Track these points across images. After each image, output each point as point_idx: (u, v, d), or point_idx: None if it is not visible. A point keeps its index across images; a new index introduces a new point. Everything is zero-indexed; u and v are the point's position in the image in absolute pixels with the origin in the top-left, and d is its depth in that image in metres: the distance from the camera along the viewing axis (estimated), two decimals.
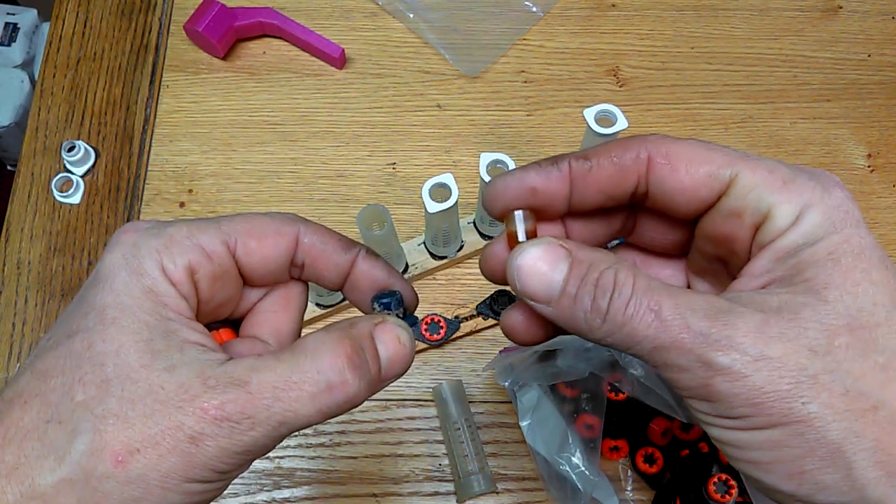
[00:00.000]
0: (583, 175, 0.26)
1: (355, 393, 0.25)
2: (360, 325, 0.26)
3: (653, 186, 0.25)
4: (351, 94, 0.63)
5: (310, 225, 0.28)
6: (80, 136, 0.62)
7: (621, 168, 0.25)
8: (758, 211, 0.24)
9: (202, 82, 0.64)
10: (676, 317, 0.22)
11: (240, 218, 0.28)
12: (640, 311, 0.23)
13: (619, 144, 0.26)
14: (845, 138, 0.62)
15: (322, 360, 0.24)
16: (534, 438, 0.49)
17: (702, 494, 0.46)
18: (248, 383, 0.23)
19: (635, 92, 0.64)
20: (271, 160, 0.61)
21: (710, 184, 0.24)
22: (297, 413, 0.24)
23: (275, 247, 0.28)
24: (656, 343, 0.23)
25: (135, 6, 0.67)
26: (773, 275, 0.24)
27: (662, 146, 0.25)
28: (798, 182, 0.23)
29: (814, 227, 0.23)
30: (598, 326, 0.24)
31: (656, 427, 0.50)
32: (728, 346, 0.22)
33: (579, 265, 0.24)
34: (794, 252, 0.23)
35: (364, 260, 0.29)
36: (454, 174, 0.49)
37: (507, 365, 0.48)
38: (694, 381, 0.22)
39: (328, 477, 0.51)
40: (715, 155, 0.24)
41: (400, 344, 0.27)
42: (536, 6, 0.66)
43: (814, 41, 0.66)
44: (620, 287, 0.23)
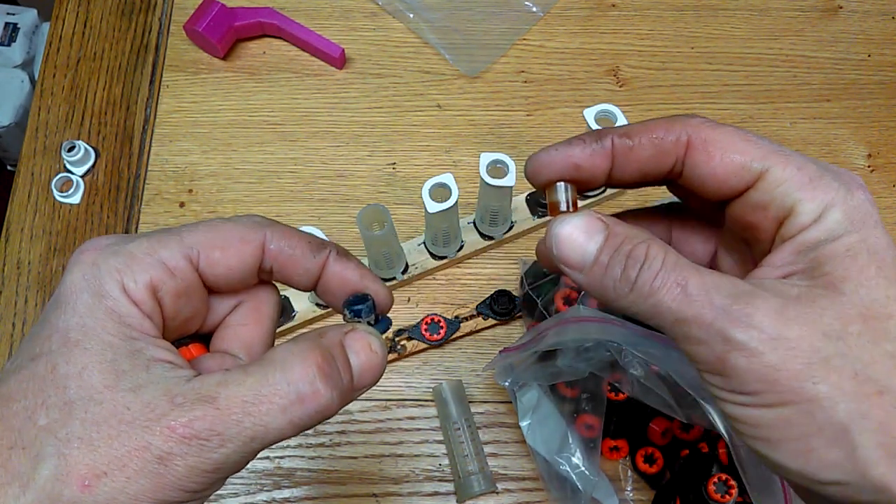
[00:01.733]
0: (624, 153, 0.27)
1: (327, 403, 0.24)
2: (329, 334, 0.26)
3: (687, 168, 0.27)
4: (351, 94, 0.63)
5: (277, 229, 0.28)
6: (80, 136, 0.62)
7: (661, 149, 0.27)
8: (783, 206, 0.25)
9: (202, 82, 0.64)
10: (701, 293, 0.24)
11: (203, 227, 0.27)
12: (667, 284, 0.24)
13: (661, 125, 0.27)
14: (845, 138, 0.62)
15: (292, 371, 0.24)
16: (534, 438, 0.49)
17: (702, 494, 0.46)
18: (217, 399, 0.23)
19: (635, 92, 0.64)
20: (271, 160, 0.61)
21: (741, 174, 0.26)
22: (267, 427, 0.23)
23: (240, 255, 0.27)
24: (679, 316, 0.24)
25: (135, 6, 0.67)
26: (794, 267, 0.25)
27: (702, 131, 0.26)
28: (824, 181, 0.25)
29: (835, 225, 0.24)
30: (624, 295, 0.25)
31: (656, 427, 0.50)
32: (747, 324, 0.23)
33: (614, 237, 0.25)
34: (815, 246, 0.24)
35: (335, 261, 0.28)
36: (454, 174, 0.49)
37: (507, 365, 0.48)
38: (711, 354, 0.23)
39: (328, 477, 0.51)
40: (750, 147, 0.26)
41: (371, 352, 0.26)
42: (536, 6, 0.66)
43: (814, 41, 0.66)
44: (651, 260, 0.24)
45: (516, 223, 0.57)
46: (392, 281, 0.55)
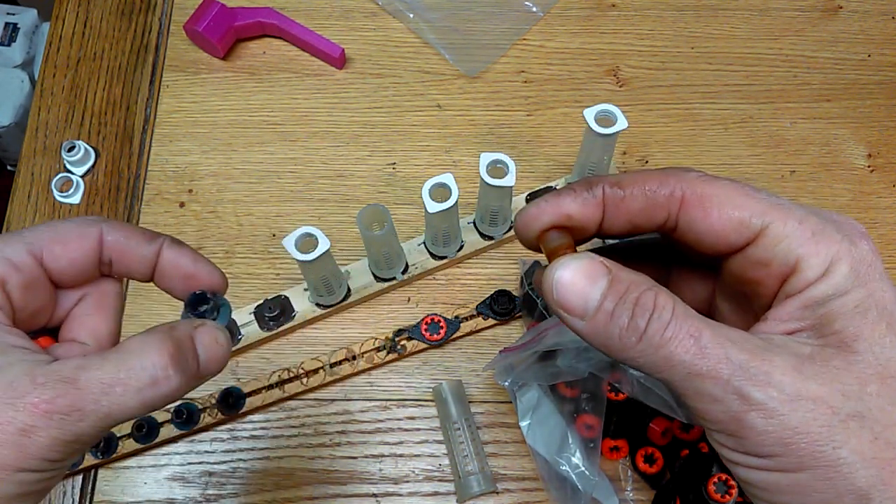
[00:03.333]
0: (615, 203, 0.26)
1: (177, 387, 0.27)
2: (180, 327, 0.28)
3: (682, 224, 0.26)
4: (351, 94, 0.63)
5: (112, 223, 0.30)
6: (80, 136, 0.62)
7: (653, 202, 0.26)
8: (786, 263, 0.24)
9: (202, 82, 0.64)
10: (716, 346, 0.23)
11: (43, 226, 0.29)
12: (679, 336, 0.23)
13: (655, 177, 0.26)
14: (845, 138, 0.62)
15: (147, 358, 0.26)
16: (534, 438, 0.49)
17: (702, 494, 0.46)
18: (77, 380, 0.25)
19: (635, 92, 0.64)
20: (271, 160, 0.61)
21: (741, 231, 0.25)
22: (123, 406, 0.26)
23: (79, 249, 0.29)
24: (693, 370, 0.23)
25: (135, 6, 0.67)
26: (802, 323, 0.24)
27: (698, 187, 0.25)
28: (826, 234, 0.24)
29: (842, 279, 0.24)
30: (632, 345, 0.24)
31: (656, 427, 0.50)
32: (765, 382, 0.22)
33: (618, 283, 0.24)
34: (822, 302, 0.24)
35: (169, 249, 0.31)
36: (454, 174, 0.49)
37: (507, 365, 0.48)
38: (726, 413, 0.22)
39: (328, 477, 0.51)
40: (749, 202, 0.25)
41: (218, 345, 0.29)
42: (536, 6, 0.66)
43: (814, 41, 0.66)
44: (660, 310, 0.23)
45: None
46: (392, 281, 0.55)
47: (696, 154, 0.61)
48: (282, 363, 0.54)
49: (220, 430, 0.53)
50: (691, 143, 0.62)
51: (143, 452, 0.52)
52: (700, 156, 0.61)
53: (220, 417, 0.52)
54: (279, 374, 0.53)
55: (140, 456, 0.52)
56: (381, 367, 0.54)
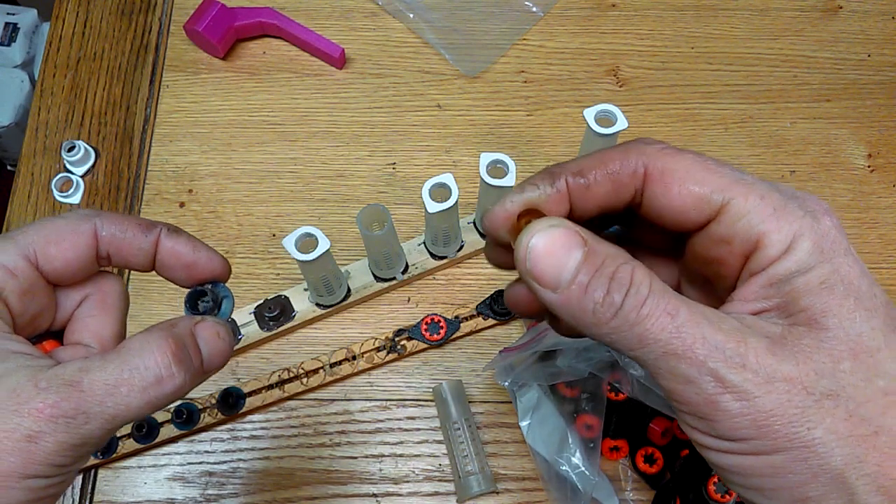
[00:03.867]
0: (580, 192, 0.26)
1: (181, 384, 0.26)
2: (181, 324, 0.28)
3: (646, 200, 0.25)
4: (351, 94, 0.63)
5: (106, 216, 0.29)
6: (80, 136, 0.62)
7: (618, 183, 0.25)
8: (748, 239, 0.24)
9: (202, 82, 0.64)
10: (693, 325, 0.22)
11: (34, 227, 0.29)
12: (656, 313, 0.22)
13: (616, 156, 0.25)
14: (845, 138, 0.62)
15: (149, 357, 0.26)
16: (534, 438, 0.49)
17: (702, 494, 0.46)
18: (80, 383, 0.25)
19: (635, 92, 0.64)
20: (271, 160, 0.61)
21: (701, 206, 0.24)
22: (128, 406, 0.25)
23: (75, 247, 0.29)
24: (668, 349, 0.22)
25: (135, 6, 0.67)
26: (768, 302, 0.24)
27: (659, 160, 0.25)
28: (788, 210, 0.24)
29: (805, 256, 0.23)
30: (606, 321, 0.23)
31: (656, 427, 0.50)
32: (740, 365, 0.22)
33: (594, 255, 0.23)
34: (787, 279, 0.23)
35: (167, 238, 0.30)
36: (454, 174, 0.49)
37: (507, 365, 0.48)
38: (699, 395, 0.22)
39: (328, 477, 0.51)
40: (710, 177, 0.24)
41: (219, 339, 0.29)
42: (536, 6, 0.66)
43: (814, 41, 0.66)
44: (637, 285, 0.23)
45: None
46: (392, 281, 0.55)
47: None
48: (282, 363, 0.54)
49: (220, 430, 0.53)
50: (691, 143, 0.62)
51: (143, 452, 0.52)
52: None
53: (220, 417, 0.52)
54: (279, 374, 0.53)
55: (140, 456, 0.52)
56: (381, 367, 0.54)
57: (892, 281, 0.57)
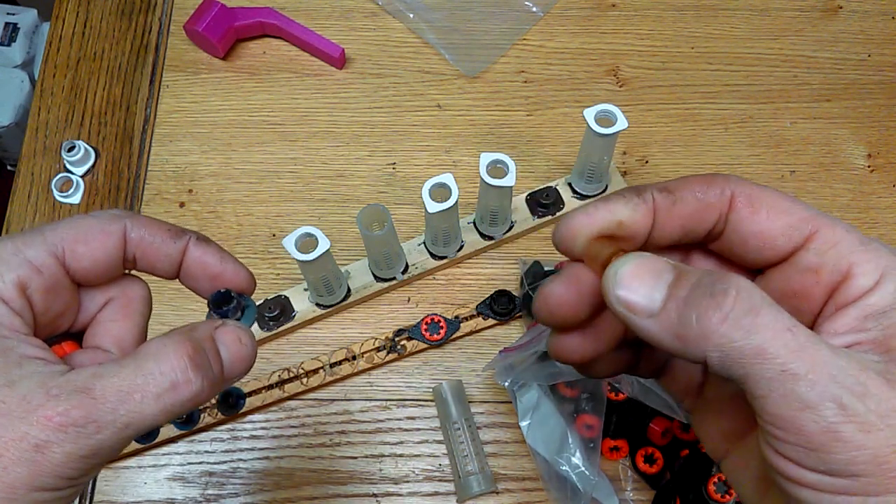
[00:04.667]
0: (666, 208, 0.25)
1: (198, 390, 0.25)
2: (201, 328, 0.27)
3: (731, 227, 0.25)
4: (351, 94, 0.63)
5: (137, 219, 0.29)
6: (80, 136, 0.62)
7: (705, 204, 0.25)
8: (837, 269, 0.23)
9: (202, 82, 0.64)
10: (814, 346, 0.20)
11: (64, 224, 0.28)
12: (776, 326, 0.20)
13: (702, 180, 0.25)
14: (845, 138, 0.62)
15: (165, 361, 0.25)
16: (534, 438, 0.49)
17: (702, 494, 0.46)
18: (92, 389, 0.24)
19: (635, 92, 0.64)
20: (271, 160, 0.61)
21: (790, 234, 0.24)
22: (142, 414, 0.24)
23: (103, 247, 0.28)
24: (787, 368, 0.20)
25: (135, 6, 0.67)
26: (864, 335, 0.22)
27: (746, 187, 0.24)
28: (874, 245, 0.23)
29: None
30: (713, 328, 0.20)
31: (656, 427, 0.50)
32: (863, 393, 0.20)
33: (686, 274, 0.22)
34: (882, 313, 0.22)
35: (195, 246, 0.29)
36: (454, 174, 0.49)
37: (507, 365, 0.48)
38: (817, 424, 0.20)
39: (328, 477, 0.51)
40: (796, 207, 0.24)
41: (241, 344, 0.27)
42: (536, 6, 0.66)
43: (814, 41, 0.66)
44: (747, 291, 0.21)
45: (516, 223, 0.57)
46: (392, 281, 0.55)
47: (696, 154, 0.61)
48: (282, 363, 0.54)
49: (220, 430, 0.53)
50: (691, 143, 0.62)
51: (143, 452, 0.52)
52: (700, 156, 0.61)
53: (220, 417, 0.52)
54: (279, 374, 0.53)
55: (140, 456, 0.52)
56: (381, 367, 0.54)
57: None
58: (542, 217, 0.57)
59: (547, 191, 0.58)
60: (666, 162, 0.61)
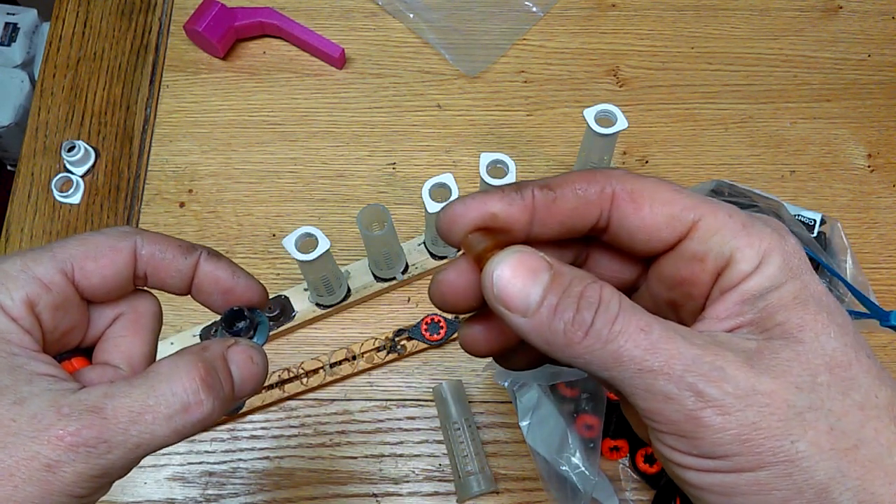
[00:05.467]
0: (546, 205, 0.25)
1: (209, 412, 0.25)
2: (212, 347, 0.27)
3: (614, 222, 0.25)
4: (351, 94, 0.63)
5: (146, 235, 0.29)
6: (80, 136, 0.62)
7: (585, 201, 0.25)
8: (721, 255, 0.24)
9: (202, 82, 0.64)
10: (667, 341, 0.22)
11: (73, 241, 0.28)
12: (628, 329, 0.22)
13: (583, 176, 0.25)
14: (845, 138, 0.62)
15: (177, 382, 0.25)
16: (534, 438, 0.49)
17: None
18: (104, 409, 0.24)
19: (635, 92, 0.64)
20: (271, 160, 0.61)
21: (673, 225, 0.24)
22: (153, 435, 0.24)
23: (113, 265, 0.28)
24: (644, 366, 0.22)
25: (135, 6, 0.67)
26: (742, 318, 0.23)
27: (628, 183, 0.25)
28: (756, 227, 0.24)
29: (776, 271, 0.23)
30: (578, 340, 0.22)
31: None
32: (720, 378, 0.21)
33: (561, 276, 0.23)
34: (761, 295, 0.23)
35: (206, 261, 0.29)
36: (454, 174, 0.49)
37: None
38: (679, 412, 0.21)
39: (328, 477, 0.51)
40: (679, 197, 0.24)
41: (253, 364, 0.28)
42: (536, 6, 0.66)
43: (814, 41, 0.66)
44: (607, 303, 0.22)
45: None
46: (392, 281, 0.55)
47: (696, 154, 0.61)
48: (282, 363, 0.54)
49: (220, 430, 0.53)
50: (691, 143, 0.62)
51: None
52: (700, 156, 0.61)
53: (220, 417, 0.52)
54: (279, 374, 0.53)
55: None
56: (381, 367, 0.54)
57: (892, 281, 0.57)
58: None
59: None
60: (666, 162, 0.61)
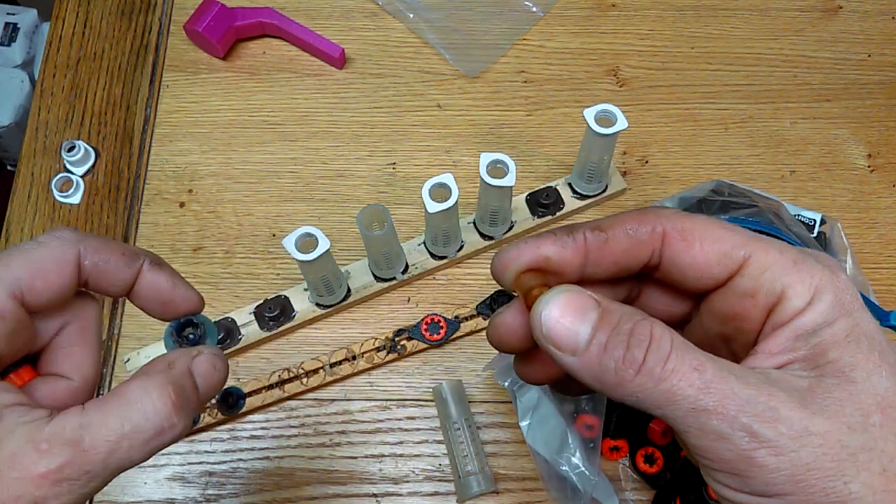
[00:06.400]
0: (598, 246, 0.26)
1: (182, 430, 0.26)
2: (178, 363, 0.27)
3: (666, 260, 0.26)
4: (351, 94, 0.63)
5: (90, 243, 0.28)
6: (80, 136, 0.62)
7: (637, 241, 0.26)
8: (772, 291, 0.24)
9: (202, 82, 0.64)
10: (721, 380, 0.22)
11: (18, 260, 0.27)
12: (682, 368, 0.22)
13: (634, 217, 0.26)
14: (845, 138, 0.62)
15: (149, 408, 0.25)
16: (534, 438, 0.49)
17: (702, 494, 0.46)
18: (81, 442, 0.24)
19: (635, 92, 0.64)
20: (271, 160, 0.61)
21: (724, 262, 0.25)
22: (131, 459, 0.25)
23: (59, 279, 0.28)
24: (697, 405, 0.22)
25: (135, 6, 0.67)
26: (794, 354, 0.24)
27: (678, 222, 0.25)
28: (807, 263, 0.24)
29: (828, 308, 0.23)
30: (629, 379, 0.22)
31: (656, 427, 0.50)
32: (773, 419, 0.21)
33: (609, 314, 0.23)
34: (813, 332, 0.23)
35: (149, 271, 0.29)
36: (454, 174, 0.49)
37: (507, 365, 0.48)
38: (733, 452, 0.22)
39: (328, 477, 0.51)
40: (729, 234, 0.25)
41: (215, 371, 0.28)
42: (536, 6, 0.66)
43: (814, 41, 0.66)
44: (658, 340, 0.22)
45: (516, 223, 0.57)
46: (392, 281, 0.55)
47: (696, 154, 0.61)
48: (282, 363, 0.54)
49: (220, 430, 0.53)
50: (691, 143, 0.62)
51: None
52: (700, 156, 0.61)
53: (220, 417, 0.52)
54: (279, 374, 0.53)
55: None
56: (381, 367, 0.54)
57: (892, 281, 0.57)
58: (542, 217, 0.57)
59: (547, 191, 0.58)
60: (666, 162, 0.61)
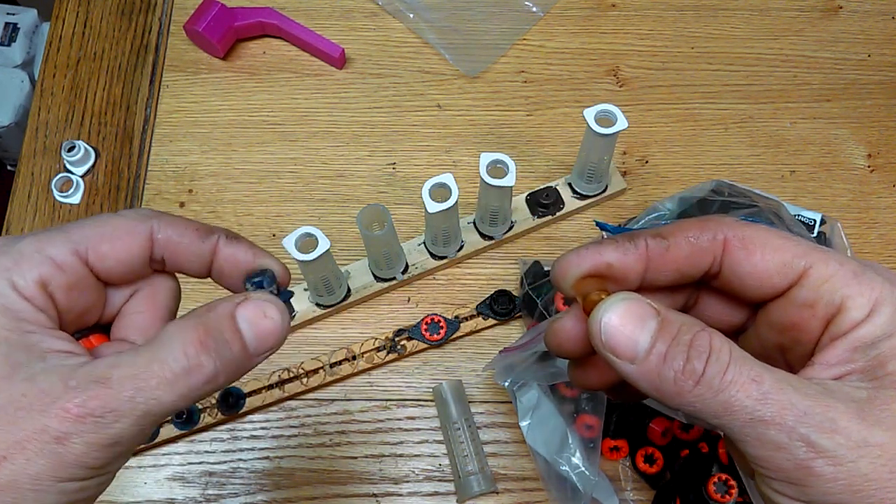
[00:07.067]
0: (660, 254, 0.26)
1: (213, 374, 0.25)
2: (219, 307, 0.26)
3: (726, 268, 0.26)
4: (351, 94, 0.63)
5: (164, 218, 0.28)
6: (80, 136, 0.62)
7: (698, 248, 0.26)
8: (831, 303, 0.24)
9: (202, 82, 0.64)
10: (779, 391, 0.22)
11: (90, 223, 0.28)
12: (741, 379, 0.22)
13: (695, 224, 0.26)
14: (845, 138, 0.62)
15: (177, 346, 0.25)
16: (534, 438, 0.49)
17: (702, 494, 0.46)
18: (109, 379, 0.24)
19: (635, 92, 0.64)
20: (271, 160, 0.61)
21: (784, 272, 0.25)
22: (159, 401, 0.24)
23: (128, 248, 0.28)
24: (756, 416, 0.22)
25: (135, 6, 0.67)
26: (852, 366, 0.24)
27: (739, 230, 0.26)
28: (867, 276, 0.24)
29: (888, 321, 0.24)
30: (688, 389, 0.23)
31: (656, 427, 0.50)
32: (832, 430, 0.22)
33: (669, 324, 0.24)
34: (873, 344, 0.24)
35: (226, 245, 0.29)
36: (454, 174, 0.49)
37: (507, 365, 0.48)
38: (790, 461, 0.22)
39: (328, 477, 0.51)
40: (789, 244, 0.25)
41: (266, 318, 0.26)
42: (536, 6, 0.66)
43: (814, 41, 0.66)
44: (717, 351, 0.23)
45: (516, 223, 0.57)
46: (392, 281, 0.55)
47: (696, 154, 0.61)
48: (282, 363, 0.54)
49: (220, 430, 0.53)
50: (691, 143, 0.62)
51: (143, 452, 0.52)
52: (700, 156, 0.61)
53: (220, 417, 0.52)
54: (279, 374, 0.53)
55: (140, 456, 0.52)
56: (381, 367, 0.54)
57: None
58: (542, 217, 0.57)
59: (547, 191, 0.58)
60: (666, 162, 0.61)
